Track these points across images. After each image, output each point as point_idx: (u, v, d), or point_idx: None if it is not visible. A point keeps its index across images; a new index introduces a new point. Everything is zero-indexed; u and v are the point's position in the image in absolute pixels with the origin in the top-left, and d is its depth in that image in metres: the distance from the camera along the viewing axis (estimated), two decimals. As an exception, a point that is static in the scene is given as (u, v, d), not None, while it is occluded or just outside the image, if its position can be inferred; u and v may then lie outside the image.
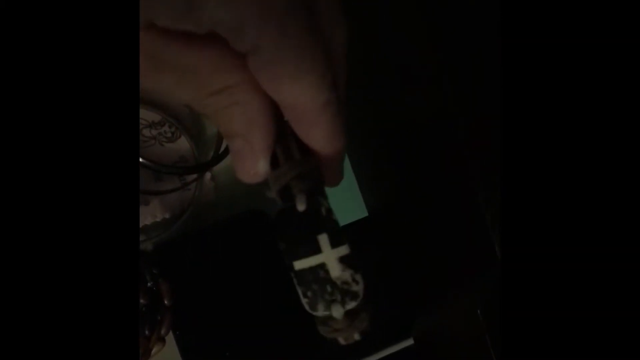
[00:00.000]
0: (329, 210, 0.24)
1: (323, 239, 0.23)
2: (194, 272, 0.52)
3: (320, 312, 0.24)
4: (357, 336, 0.25)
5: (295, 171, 0.24)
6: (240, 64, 0.21)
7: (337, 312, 0.24)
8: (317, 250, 0.23)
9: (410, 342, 0.56)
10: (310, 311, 0.24)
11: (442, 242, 0.48)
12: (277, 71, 0.21)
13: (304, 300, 0.24)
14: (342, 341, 0.26)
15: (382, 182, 0.56)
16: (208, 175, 0.55)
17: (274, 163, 0.24)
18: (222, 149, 0.53)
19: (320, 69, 0.22)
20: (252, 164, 0.24)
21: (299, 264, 0.24)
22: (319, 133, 0.24)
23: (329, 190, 0.26)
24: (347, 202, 0.60)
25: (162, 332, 0.47)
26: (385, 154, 0.53)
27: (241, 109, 0.22)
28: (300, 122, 0.23)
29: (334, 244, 0.23)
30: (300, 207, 0.24)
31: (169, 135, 0.53)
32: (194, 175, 0.53)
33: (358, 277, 0.24)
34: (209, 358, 0.50)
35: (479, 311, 0.43)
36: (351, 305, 0.24)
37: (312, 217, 0.24)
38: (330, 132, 0.24)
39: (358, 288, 0.24)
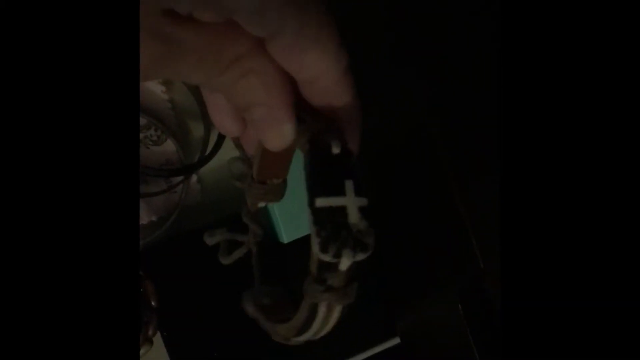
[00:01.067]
0: (357, 163, 0.24)
1: (349, 185, 0.23)
2: (181, 273, 0.51)
3: (330, 255, 0.23)
4: (338, 311, 0.25)
5: (324, 123, 0.24)
6: (250, 33, 0.21)
7: (347, 257, 0.23)
8: (342, 192, 0.23)
9: (396, 340, 0.57)
10: (319, 253, 0.23)
11: (423, 241, 0.48)
12: (300, 49, 0.21)
13: (316, 240, 0.23)
14: (322, 310, 0.25)
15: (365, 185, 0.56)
16: (194, 177, 0.55)
17: (300, 121, 0.24)
18: (207, 151, 0.53)
19: (337, 37, 0.22)
20: (278, 128, 0.24)
21: (321, 202, 0.23)
22: (343, 100, 0.24)
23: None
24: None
25: (149, 333, 0.47)
26: (368, 156, 0.53)
27: (257, 75, 0.22)
28: (325, 94, 0.24)
29: (358, 193, 0.23)
30: (336, 149, 0.24)
31: (155, 138, 0.53)
32: (180, 178, 0.54)
33: (371, 231, 0.23)
34: (197, 359, 0.50)
35: (459, 306, 0.44)
36: (360, 256, 0.23)
37: (344, 162, 0.24)
38: (353, 97, 0.24)
39: (370, 241, 0.23)
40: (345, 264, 0.23)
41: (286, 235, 0.52)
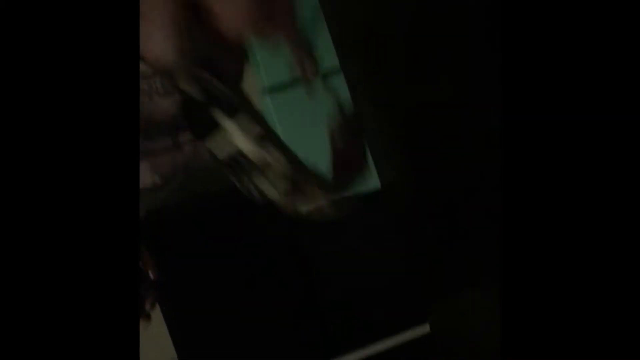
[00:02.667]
0: (217, 86, 0.26)
1: (217, 113, 0.26)
2: (185, 242, 0.48)
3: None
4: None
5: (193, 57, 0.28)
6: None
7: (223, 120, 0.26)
8: (215, 124, 0.27)
9: (426, 328, 0.53)
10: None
11: (461, 226, 0.46)
12: None
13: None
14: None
15: (396, 157, 0.54)
16: (204, 136, 0.51)
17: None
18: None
19: None
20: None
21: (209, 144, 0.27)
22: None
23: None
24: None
25: (147, 307, 0.43)
26: (400, 132, 0.51)
27: None
28: None
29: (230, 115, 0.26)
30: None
31: (161, 90, 0.48)
32: (189, 135, 0.49)
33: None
34: (200, 336, 0.46)
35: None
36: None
37: (203, 97, 0.27)
38: (245, 9, 0.25)
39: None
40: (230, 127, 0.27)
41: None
